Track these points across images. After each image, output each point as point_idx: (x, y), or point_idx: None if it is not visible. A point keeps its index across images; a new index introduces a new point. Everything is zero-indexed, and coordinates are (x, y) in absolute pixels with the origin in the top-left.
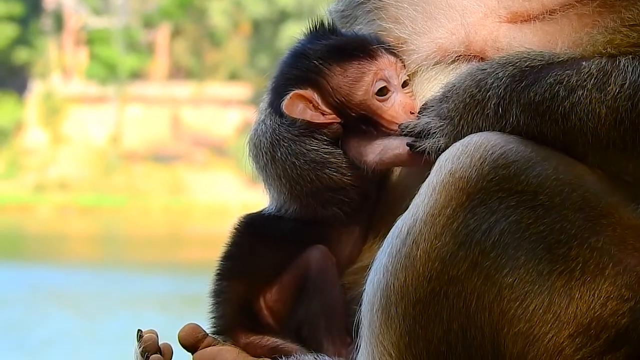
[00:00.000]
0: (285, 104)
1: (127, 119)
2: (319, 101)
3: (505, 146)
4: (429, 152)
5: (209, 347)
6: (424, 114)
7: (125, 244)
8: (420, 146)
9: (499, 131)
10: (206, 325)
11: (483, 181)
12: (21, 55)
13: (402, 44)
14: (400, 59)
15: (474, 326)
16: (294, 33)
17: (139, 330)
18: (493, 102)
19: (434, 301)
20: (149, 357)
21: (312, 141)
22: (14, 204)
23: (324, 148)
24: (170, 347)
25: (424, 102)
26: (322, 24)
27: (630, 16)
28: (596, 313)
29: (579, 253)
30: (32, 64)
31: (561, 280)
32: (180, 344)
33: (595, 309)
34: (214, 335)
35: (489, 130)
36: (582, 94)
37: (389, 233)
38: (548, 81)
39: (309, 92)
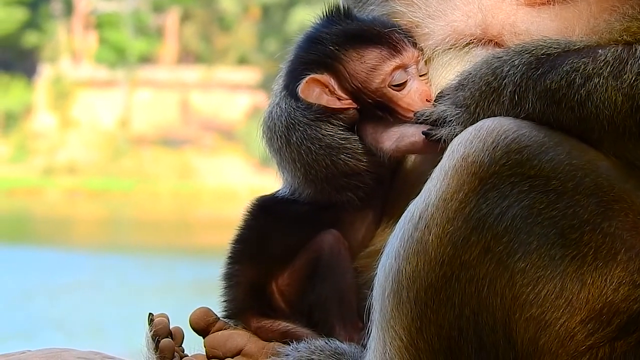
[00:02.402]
0: (301, 89)
1: (136, 103)
2: (335, 86)
3: (518, 131)
4: (444, 140)
5: (220, 331)
6: (440, 102)
7: (134, 228)
8: (436, 134)
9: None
10: (217, 309)
11: (495, 166)
12: (30, 39)
13: (415, 27)
14: (419, 47)
15: (486, 311)
16: (303, 18)
17: (150, 313)
18: (509, 90)
19: (445, 286)
20: (159, 341)
21: (328, 126)
22: (23, 188)
23: (339, 133)
24: (182, 330)
25: (439, 91)
26: (337, 8)
27: None
28: (608, 298)
29: (591, 238)
30: (41, 47)
31: (573, 265)
32: (192, 328)
33: (607, 295)
34: (225, 319)
35: (503, 116)
36: (598, 81)
37: (401, 218)
38: (564, 69)
39: (325, 77)
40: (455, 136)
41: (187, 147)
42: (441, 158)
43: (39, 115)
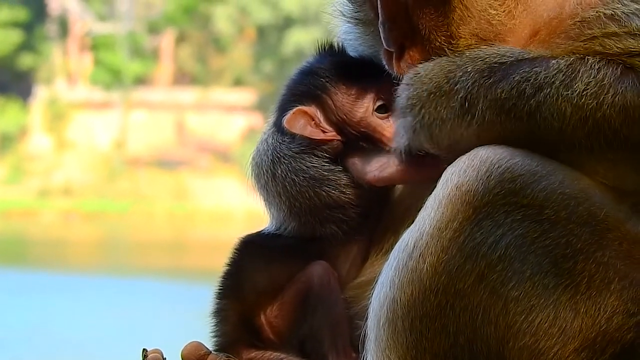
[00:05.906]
0: (287, 119)
1: (131, 124)
2: (321, 118)
3: (511, 160)
4: (401, 151)
5: None
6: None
7: (130, 249)
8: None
9: (463, 124)
10: (211, 335)
11: (489, 195)
12: (26, 60)
13: None
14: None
15: (480, 340)
16: (298, 39)
17: (144, 349)
18: (460, 96)
19: (440, 315)
20: None
21: (313, 158)
22: (18, 210)
23: (324, 165)
24: None
25: (394, 107)
26: (330, 44)
27: (578, 32)
28: (602, 327)
29: (585, 267)
30: (36, 69)
31: (567, 294)
32: None
33: (601, 324)
34: (216, 353)
35: (451, 121)
36: (549, 92)
37: (395, 246)
38: (515, 79)
39: (312, 109)
40: (405, 146)
41: (182, 169)
42: (429, 192)
43: (35, 137)
